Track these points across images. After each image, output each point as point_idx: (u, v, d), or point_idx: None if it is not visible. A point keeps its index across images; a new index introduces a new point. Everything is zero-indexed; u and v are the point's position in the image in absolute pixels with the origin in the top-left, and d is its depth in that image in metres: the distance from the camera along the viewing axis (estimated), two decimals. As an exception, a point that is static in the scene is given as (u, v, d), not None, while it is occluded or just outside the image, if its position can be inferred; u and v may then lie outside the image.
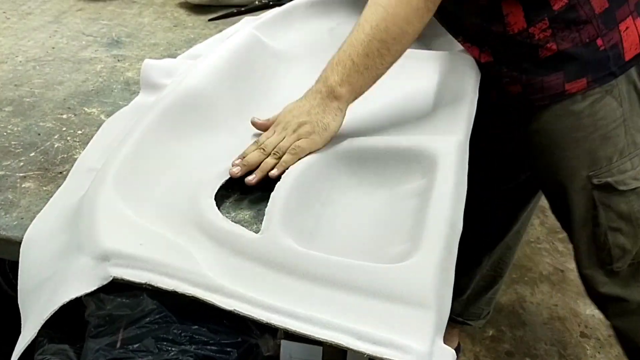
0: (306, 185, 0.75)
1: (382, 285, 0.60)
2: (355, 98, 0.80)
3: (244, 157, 0.77)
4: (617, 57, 0.91)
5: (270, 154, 0.76)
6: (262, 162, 0.76)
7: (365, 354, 0.54)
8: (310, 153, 0.78)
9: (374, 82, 0.81)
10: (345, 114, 0.80)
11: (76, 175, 0.79)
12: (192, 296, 0.58)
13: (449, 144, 0.80)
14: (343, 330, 0.55)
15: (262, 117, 0.85)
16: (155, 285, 0.59)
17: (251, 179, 0.75)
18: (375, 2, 0.78)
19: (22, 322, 0.64)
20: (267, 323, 0.56)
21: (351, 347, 0.54)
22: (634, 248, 0.98)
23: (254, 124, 0.84)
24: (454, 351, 0.57)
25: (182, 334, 0.93)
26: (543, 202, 1.18)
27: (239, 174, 0.76)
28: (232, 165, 0.77)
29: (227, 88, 0.92)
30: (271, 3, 1.28)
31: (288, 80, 1.00)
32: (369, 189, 0.80)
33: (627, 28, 0.90)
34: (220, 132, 0.86)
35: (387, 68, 0.80)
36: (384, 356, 0.53)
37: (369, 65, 0.78)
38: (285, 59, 1.06)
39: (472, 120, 0.89)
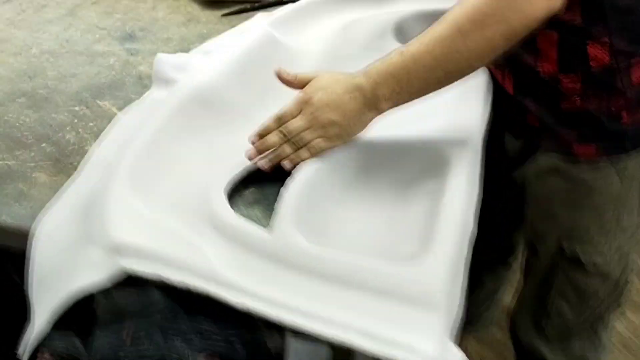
0: (318, 183, 0.75)
1: (392, 286, 0.60)
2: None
3: (263, 138, 0.75)
4: (636, 135, 0.85)
5: (289, 140, 0.74)
6: (279, 146, 0.74)
7: (374, 354, 0.53)
8: None
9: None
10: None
11: (88, 168, 0.80)
12: (202, 291, 0.58)
13: (462, 145, 0.80)
14: (353, 330, 0.55)
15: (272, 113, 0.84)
16: (166, 279, 0.59)
17: (264, 163, 0.74)
18: (455, 21, 0.70)
19: (32, 313, 0.65)
20: (277, 321, 0.56)
21: (361, 347, 0.54)
22: (572, 320, 0.99)
23: (279, 75, 0.80)
24: (463, 353, 0.57)
25: (190, 327, 0.94)
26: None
27: (255, 158, 0.75)
28: (251, 142, 0.76)
29: (240, 84, 0.92)
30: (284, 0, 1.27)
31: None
32: (381, 188, 0.80)
33: None
34: (232, 127, 0.86)
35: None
36: (393, 357, 0.53)
37: (422, 90, 0.74)
38: (299, 56, 1.06)
39: (486, 121, 0.88)
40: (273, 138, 0.74)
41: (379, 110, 0.74)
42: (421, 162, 0.80)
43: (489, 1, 0.68)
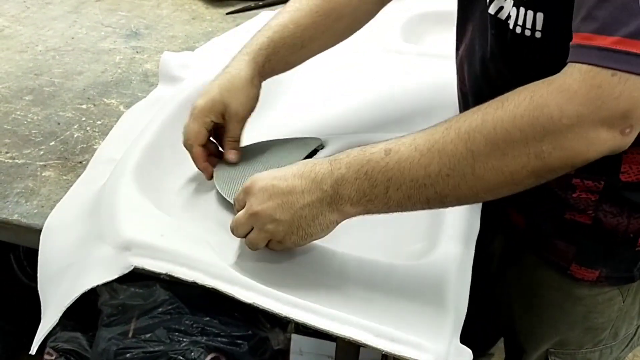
0: None
1: (400, 283, 0.61)
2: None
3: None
4: None
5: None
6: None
7: (383, 351, 0.54)
8: None
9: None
10: (256, 71, 0.70)
11: (96, 166, 0.80)
12: (212, 288, 0.59)
13: None
14: (362, 327, 0.56)
15: (276, 112, 0.83)
16: (176, 277, 0.59)
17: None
18: (468, 135, 0.52)
19: (42, 309, 0.65)
20: (286, 317, 0.57)
21: (369, 343, 0.55)
22: None
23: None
24: (470, 350, 0.57)
25: (194, 325, 0.95)
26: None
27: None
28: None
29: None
30: (289, -2, 1.28)
31: (301, 78, 1.00)
32: None
33: None
34: None
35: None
36: (402, 354, 0.54)
37: (403, 206, 0.57)
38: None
39: None
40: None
41: (345, 214, 0.58)
42: None
43: (522, 120, 0.50)
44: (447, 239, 0.65)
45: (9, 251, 1.23)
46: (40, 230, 0.70)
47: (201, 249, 0.63)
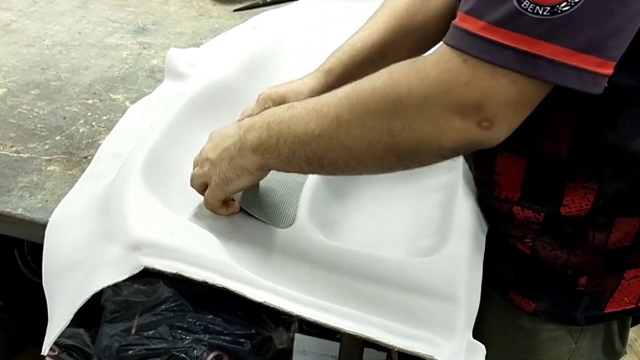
0: (331, 177, 0.75)
1: (411, 279, 0.60)
2: (273, 169, 0.62)
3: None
4: (591, 306, 0.65)
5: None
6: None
7: (396, 347, 0.53)
8: None
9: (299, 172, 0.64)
10: (258, 176, 0.64)
11: (100, 161, 0.80)
12: (223, 287, 0.58)
13: None
14: (374, 325, 0.55)
15: None
16: (187, 276, 0.59)
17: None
18: (340, 102, 0.54)
19: (48, 305, 0.65)
20: (298, 315, 0.56)
21: (383, 341, 0.54)
22: None
23: None
24: (483, 346, 0.57)
25: (197, 323, 0.95)
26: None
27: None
28: None
29: (253, 80, 0.92)
30: (297, -4, 1.27)
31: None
32: (394, 182, 0.80)
33: (635, 277, 0.64)
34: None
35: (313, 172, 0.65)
36: (416, 350, 0.53)
37: (291, 164, 0.59)
38: (307, 53, 1.06)
39: None
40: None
41: (247, 161, 0.60)
42: None
43: (377, 93, 0.51)
44: (458, 235, 0.65)
45: (12, 245, 1.23)
46: (44, 225, 0.69)
47: (211, 247, 0.62)
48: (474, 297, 0.60)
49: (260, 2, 1.29)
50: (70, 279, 0.64)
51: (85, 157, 0.81)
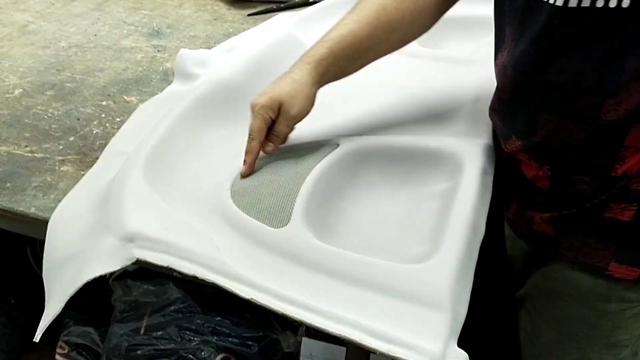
0: (329, 180, 0.76)
1: (399, 285, 0.60)
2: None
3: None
4: None
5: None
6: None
7: (377, 351, 0.54)
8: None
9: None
10: (317, 80, 0.75)
11: (106, 158, 0.81)
12: (212, 282, 0.59)
13: (475, 147, 0.80)
14: (357, 327, 0.56)
15: None
16: (176, 269, 0.60)
17: (243, 171, 0.74)
18: None
19: (46, 297, 0.66)
20: (283, 314, 0.57)
21: (364, 343, 0.54)
22: None
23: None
24: (466, 354, 0.57)
25: (205, 325, 0.95)
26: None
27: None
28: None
29: (259, 81, 0.93)
30: (310, 0, 1.28)
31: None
32: (393, 188, 0.80)
33: None
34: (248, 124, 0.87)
35: None
36: (397, 355, 0.53)
37: None
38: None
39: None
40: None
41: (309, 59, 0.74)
42: (435, 163, 0.80)
43: None
44: (450, 243, 0.65)
45: (25, 244, 1.24)
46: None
47: (203, 243, 0.63)
48: (462, 306, 0.60)
49: (275, 7, 1.30)
50: (66, 269, 0.65)
51: (98, 158, 0.82)
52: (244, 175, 0.74)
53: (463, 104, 0.91)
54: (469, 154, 0.78)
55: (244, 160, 0.74)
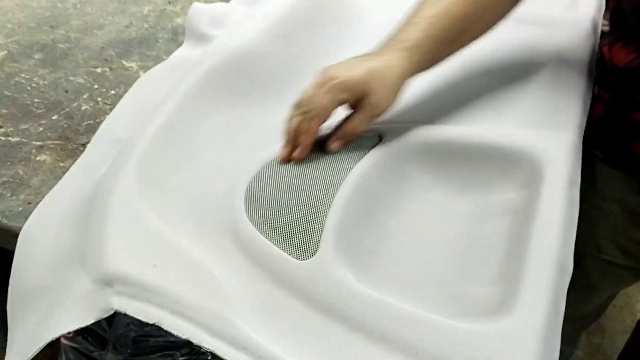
0: (371, 186, 0.59)
1: (464, 356, 0.45)
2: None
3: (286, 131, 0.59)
4: None
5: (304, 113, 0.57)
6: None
7: None
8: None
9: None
10: (412, 70, 0.59)
11: (97, 147, 0.67)
12: (209, 351, 0.45)
13: (561, 146, 0.61)
14: None
15: None
16: (166, 329, 0.46)
17: (284, 154, 0.58)
18: None
19: (9, 330, 0.54)
20: None
21: None
22: None
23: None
24: None
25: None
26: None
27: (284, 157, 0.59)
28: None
29: (288, 50, 0.76)
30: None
31: (363, 43, 0.82)
32: (448, 194, 0.63)
33: None
34: (270, 102, 0.70)
35: None
36: None
37: None
38: (360, 15, 0.88)
39: (587, 113, 0.69)
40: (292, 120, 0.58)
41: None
42: (505, 165, 0.62)
43: None
44: (533, 285, 0.48)
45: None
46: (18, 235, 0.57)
47: (204, 288, 0.48)
48: None
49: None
50: (33, 308, 0.52)
51: (83, 145, 0.68)
52: (297, 159, 0.58)
53: (538, 83, 0.71)
54: (553, 153, 0.60)
55: (287, 144, 0.58)
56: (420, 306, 0.48)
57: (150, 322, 0.46)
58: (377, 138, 0.63)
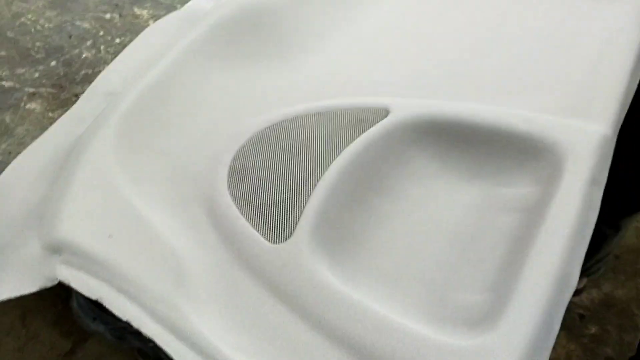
0: (364, 167, 0.53)
1: None
2: None
3: None
4: None
5: None
6: None
7: None
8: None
9: None
10: None
11: (90, 99, 0.63)
12: (149, 338, 0.41)
13: (590, 139, 0.53)
14: None
15: (325, 53, 0.60)
16: (107, 307, 0.42)
17: None
18: None
19: None
20: None
21: None
22: None
23: None
24: None
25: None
26: None
27: None
28: None
29: (304, 6, 0.69)
30: None
31: (373, 10, 0.74)
32: (454, 182, 0.56)
33: None
34: (278, 66, 0.65)
35: None
36: None
37: None
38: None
39: (628, 103, 0.59)
40: None
41: None
42: (522, 153, 0.54)
43: None
44: (526, 297, 0.42)
45: None
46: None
47: (159, 265, 0.44)
48: None
49: None
50: None
51: (76, 95, 0.65)
52: None
53: (576, 64, 0.62)
54: (577, 146, 0.52)
55: None
56: (398, 307, 0.43)
57: (93, 297, 0.42)
58: (384, 112, 0.56)
